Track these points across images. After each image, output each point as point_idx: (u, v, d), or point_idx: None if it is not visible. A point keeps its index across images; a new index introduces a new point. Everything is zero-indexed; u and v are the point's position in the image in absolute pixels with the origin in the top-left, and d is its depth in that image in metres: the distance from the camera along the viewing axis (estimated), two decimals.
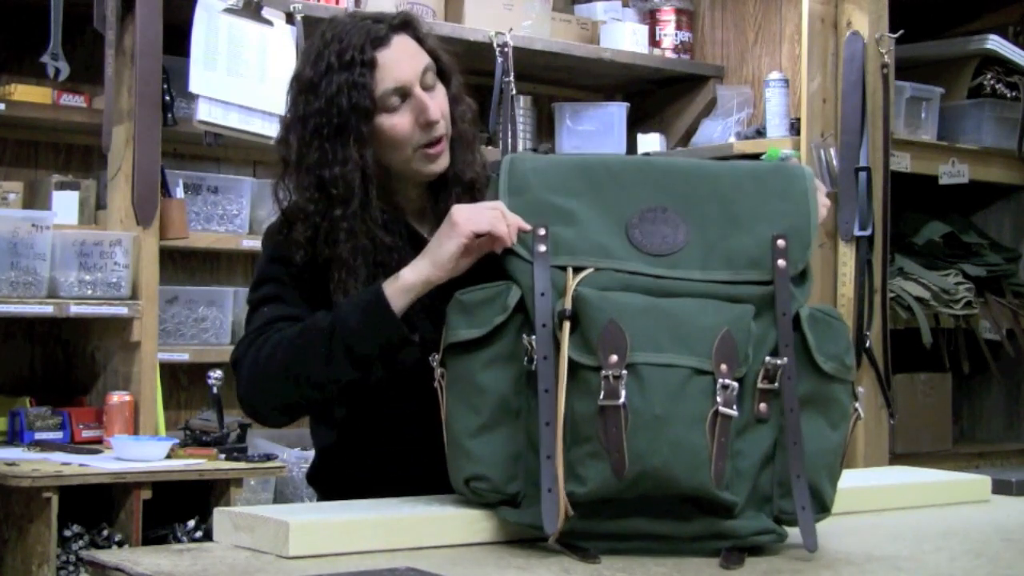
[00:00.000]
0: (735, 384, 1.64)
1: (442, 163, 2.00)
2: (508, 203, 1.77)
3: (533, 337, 1.68)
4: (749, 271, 1.73)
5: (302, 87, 1.97)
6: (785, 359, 1.68)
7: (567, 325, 1.65)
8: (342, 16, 2.02)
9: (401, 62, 1.96)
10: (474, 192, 2.02)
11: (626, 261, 1.72)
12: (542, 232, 1.73)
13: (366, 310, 1.84)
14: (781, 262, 1.72)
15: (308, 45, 2.03)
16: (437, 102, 1.98)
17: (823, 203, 1.84)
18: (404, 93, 1.96)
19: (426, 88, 1.98)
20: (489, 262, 1.80)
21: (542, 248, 1.72)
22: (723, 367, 1.64)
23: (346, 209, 1.93)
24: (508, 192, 1.78)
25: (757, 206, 1.76)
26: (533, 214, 1.75)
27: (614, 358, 1.62)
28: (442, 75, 2.03)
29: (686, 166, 1.81)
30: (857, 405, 1.75)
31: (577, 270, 1.71)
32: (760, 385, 1.68)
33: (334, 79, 1.93)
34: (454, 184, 2.02)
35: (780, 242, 1.73)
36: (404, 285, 1.84)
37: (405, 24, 2.00)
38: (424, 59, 2.00)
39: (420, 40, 2.01)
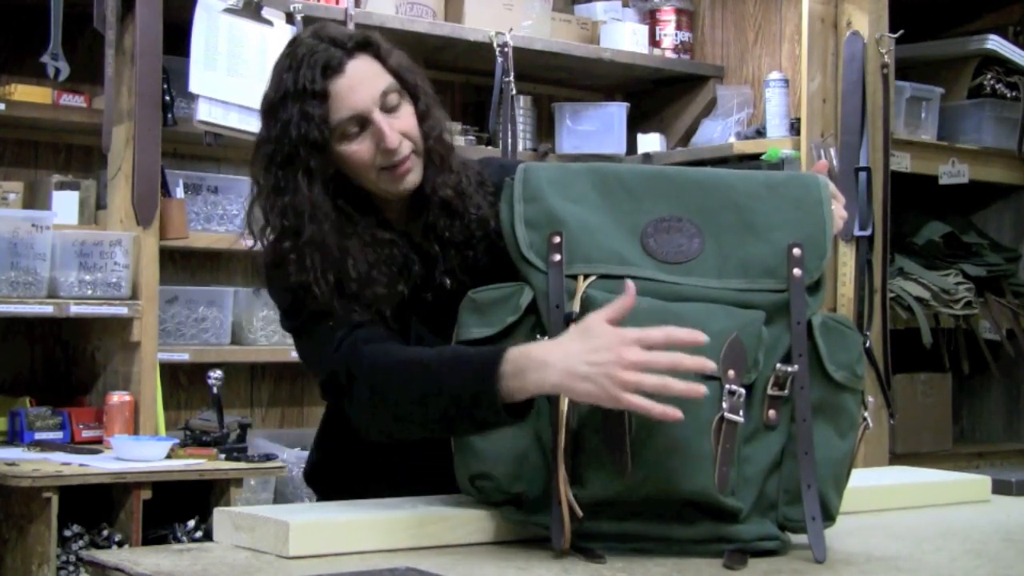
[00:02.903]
0: (742, 390, 1.64)
1: (411, 181, 1.93)
2: (522, 209, 1.76)
3: (545, 338, 1.68)
4: (764, 280, 1.73)
5: (264, 109, 1.93)
6: (797, 367, 1.68)
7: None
8: (306, 35, 1.93)
9: (356, 89, 1.88)
10: (452, 211, 1.96)
11: (641, 269, 1.72)
12: (556, 240, 1.73)
13: (476, 406, 1.66)
14: (797, 271, 1.72)
15: (276, 61, 1.96)
16: (400, 123, 1.90)
17: (840, 214, 1.84)
18: (362, 120, 1.89)
19: (388, 110, 1.90)
20: (503, 264, 1.80)
21: (556, 257, 1.72)
22: (731, 373, 1.64)
23: (296, 241, 1.87)
24: (523, 199, 1.77)
25: (772, 215, 1.76)
26: (546, 221, 1.74)
27: None
28: (409, 91, 1.95)
29: (700, 176, 1.80)
30: (866, 415, 1.75)
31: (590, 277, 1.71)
32: (770, 392, 1.68)
33: (288, 107, 1.87)
34: (431, 203, 1.95)
35: (796, 251, 1.73)
36: (523, 387, 1.62)
37: (363, 46, 1.91)
38: (384, 81, 1.91)
39: (382, 60, 1.93)
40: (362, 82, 1.89)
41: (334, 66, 1.87)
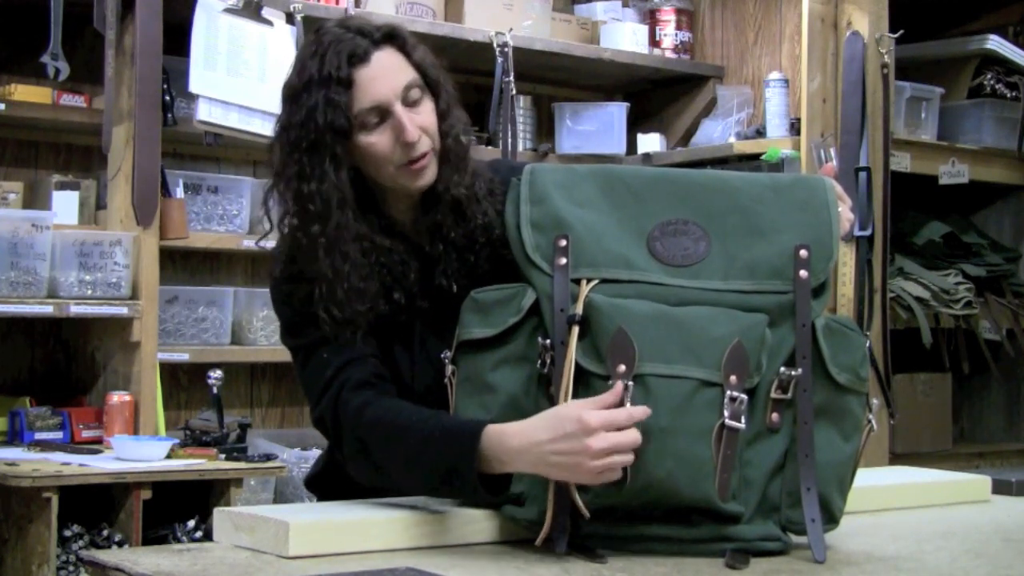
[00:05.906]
0: (744, 396, 1.64)
1: (427, 177, 1.92)
2: (528, 211, 1.76)
3: (548, 340, 1.68)
4: (770, 281, 1.72)
5: (286, 96, 1.93)
6: (800, 370, 1.68)
7: (575, 330, 1.65)
8: (332, 25, 1.94)
9: (379, 80, 1.88)
10: (460, 212, 1.95)
11: (647, 273, 1.72)
12: (563, 243, 1.73)
13: (449, 480, 1.70)
14: (803, 273, 1.72)
15: (299, 51, 1.97)
16: (420, 119, 1.90)
17: (847, 216, 1.84)
18: (383, 111, 1.88)
19: (409, 104, 1.90)
20: (504, 271, 1.80)
21: (562, 261, 1.72)
22: (732, 378, 1.64)
23: (324, 226, 1.87)
24: (529, 201, 1.77)
25: (778, 217, 1.76)
26: (553, 224, 1.75)
27: (622, 368, 1.63)
28: (431, 88, 1.95)
29: (705, 179, 1.80)
30: (871, 416, 1.75)
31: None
32: (773, 395, 1.68)
33: (313, 93, 1.87)
34: (442, 202, 1.95)
35: (803, 252, 1.73)
36: (498, 469, 1.67)
37: (390, 38, 1.92)
38: (407, 74, 1.91)
39: (407, 53, 1.93)
40: (386, 73, 1.89)
41: (360, 55, 1.88)
